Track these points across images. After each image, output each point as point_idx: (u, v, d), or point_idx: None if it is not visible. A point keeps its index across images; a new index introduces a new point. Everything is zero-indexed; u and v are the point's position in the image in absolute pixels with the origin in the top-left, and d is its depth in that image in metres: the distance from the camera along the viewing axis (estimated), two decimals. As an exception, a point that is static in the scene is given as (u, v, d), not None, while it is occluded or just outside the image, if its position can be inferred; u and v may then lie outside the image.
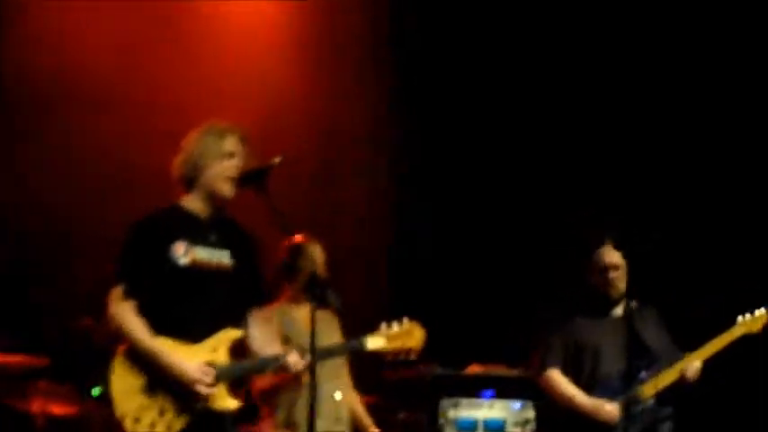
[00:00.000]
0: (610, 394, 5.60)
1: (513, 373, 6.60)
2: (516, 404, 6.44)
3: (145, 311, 4.34)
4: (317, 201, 7.67)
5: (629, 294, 5.77)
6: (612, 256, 5.77)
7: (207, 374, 4.30)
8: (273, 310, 5.20)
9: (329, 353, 4.75)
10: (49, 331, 6.43)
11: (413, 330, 4.54)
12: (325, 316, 5.30)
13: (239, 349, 4.45)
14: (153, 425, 4.26)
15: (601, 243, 5.81)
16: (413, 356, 4.55)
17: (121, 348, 4.34)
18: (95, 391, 5.96)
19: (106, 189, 7.03)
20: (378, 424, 6.10)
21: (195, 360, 4.31)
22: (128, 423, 4.26)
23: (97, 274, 4.60)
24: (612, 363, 5.63)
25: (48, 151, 7.07)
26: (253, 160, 4.49)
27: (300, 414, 5.20)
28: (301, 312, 5.27)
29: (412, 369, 6.49)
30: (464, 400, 6.42)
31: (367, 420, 5.67)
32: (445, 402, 6.39)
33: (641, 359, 5.59)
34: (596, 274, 5.78)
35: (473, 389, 6.59)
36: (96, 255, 6.22)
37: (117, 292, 4.36)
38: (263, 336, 4.57)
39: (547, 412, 6.07)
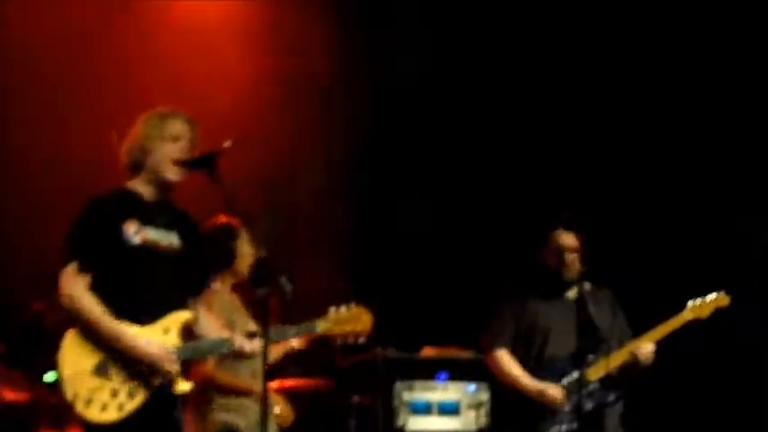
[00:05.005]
0: (557, 376, 5.61)
1: (467, 355, 6.63)
2: (471, 386, 6.47)
3: (96, 291, 4.31)
4: (274, 186, 7.67)
5: (584, 277, 5.76)
6: (568, 237, 5.77)
7: (169, 353, 4.32)
8: (212, 295, 5.17)
9: (281, 336, 4.75)
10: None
11: (360, 315, 4.58)
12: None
13: (189, 332, 4.46)
14: (104, 407, 4.24)
15: (557, 225, 5.82)
16: (361, 340, 4.61)
17: (72, 329, 4.31)
18: (48, 377, 5.91)
19: (48, 175, 6.96)
20: (333, 408, 6.14)
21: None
22: (79, 405, 4.23)
23: (41, 257, 4.56)
24: (561, 345, 5.63)
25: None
26: (202, 144, 4.49)
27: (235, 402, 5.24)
28: (230, 297, 5.32)
29: (367, 353, 6.51)
30: (418, 383, 6.44)
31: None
32: (399, 385, 6.41)
33: (590, 342, 5.59)
34: (552, 255, 5.78)
35: (428, 372, 6.62)
36: (38, 239, 6.21)
37: (70, 270, 4.32)
38: (207, 320, 4.59)
39: (496, 394, 6.09)
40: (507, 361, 5.73)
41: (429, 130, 7.98)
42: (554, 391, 5.57)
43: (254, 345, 4.44)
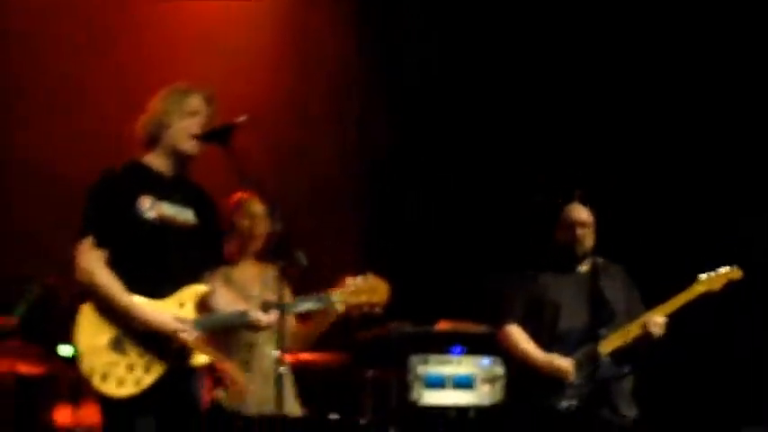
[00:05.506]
0: (569, 350, 5.59)
1: (482, 329, 6.61)
2: (485, 360, 6.45)
3: (111, 266, 4.33)
4: (288, 161, 7.65)
5: (597, 251, 5.78)
6: (581, 212, 5.76)
7: (184, 324, 4.32)
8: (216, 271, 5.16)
9: (297, 307, 4.74)
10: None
11: (377, 285, 4.55)
12: (271, 272, 5.32)
13: (205, 305, 4.46)
14: (121, 381, 4.26)
15: (569, 199, 5.82)
16: (378, 310, 4.56)
17: (87, 303, 4.32)
18: (64, 351, 5.91)
19: (59, 150, 6.93)
20: (347, 382, 6.11)
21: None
22: (95, 380, 4.26)
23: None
24: (573, 319, 5.63)
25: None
26: (219, 120, 4.51)
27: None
28: (238, 271, 5.30)
29: (383, 327, 6.50)
30: (433, 357, 6.42)
31: None
32: (414, 359, 6.39)
33: (602, 316, 5.60)
34: (564, 230, 5.78)
35: (442, 346, 6.60)
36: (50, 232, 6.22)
37: (86, 244, 4.34)
38: (223, 293, 4.59)
39: (511, 368, 6.08)
40: (517, 335, 5.72)
41: (442, 113, 7.97)
42: (562, 362, 5.57)
43: (270, 317, 4.44)
